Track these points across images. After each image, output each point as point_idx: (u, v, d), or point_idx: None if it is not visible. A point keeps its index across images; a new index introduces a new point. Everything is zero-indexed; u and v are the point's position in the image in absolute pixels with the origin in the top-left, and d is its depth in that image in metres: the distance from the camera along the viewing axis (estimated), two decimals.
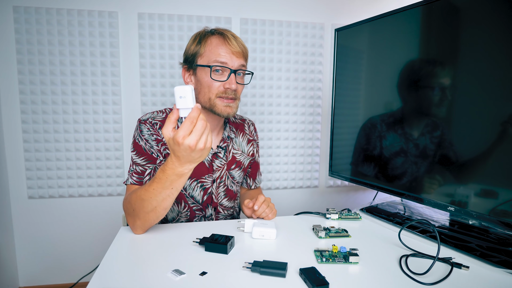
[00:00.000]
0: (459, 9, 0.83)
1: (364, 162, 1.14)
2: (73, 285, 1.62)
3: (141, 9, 1.56)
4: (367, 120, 1.13)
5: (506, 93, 0.74)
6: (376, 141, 1.09)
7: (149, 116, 0.95)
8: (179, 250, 0.73)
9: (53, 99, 1.52)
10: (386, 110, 1.06)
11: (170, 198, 0.75)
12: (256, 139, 1.14)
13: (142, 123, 0.93)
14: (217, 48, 0.88)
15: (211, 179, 0.99)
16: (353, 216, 0.96)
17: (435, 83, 0.89)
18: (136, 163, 0.91)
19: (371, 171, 1.11)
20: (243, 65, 0.92)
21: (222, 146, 1.01)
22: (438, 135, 0.89)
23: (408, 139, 0.98)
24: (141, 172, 0.90)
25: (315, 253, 0.71)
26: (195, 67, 0.92)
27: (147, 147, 0.91)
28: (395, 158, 1.02)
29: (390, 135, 1.04)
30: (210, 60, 0.88)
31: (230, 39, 0.89)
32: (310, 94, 1.78)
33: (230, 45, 0.88)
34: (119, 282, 0.59)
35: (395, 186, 1.02)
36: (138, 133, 0.92)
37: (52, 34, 1.48)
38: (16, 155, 1.54)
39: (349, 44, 1.19)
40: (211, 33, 0.92)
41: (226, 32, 0.91)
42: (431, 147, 0.91)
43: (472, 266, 0.67)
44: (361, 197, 1.97)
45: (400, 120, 1.00)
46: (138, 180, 0.89)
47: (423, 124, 0.93)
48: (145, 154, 0.91)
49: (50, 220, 1.61)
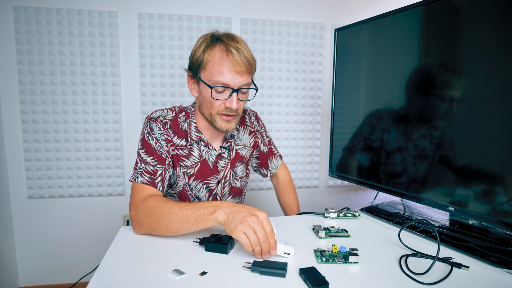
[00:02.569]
0: (459, 9, 0.83)
1: (361, 151, 1.14)
2: (73, 285, 1.62)
3: (141, 9, 1.56)
4: (374, 111, 1.11)
5: (507, 93, 0.73)
6: (377, 134, 1.08)
7: (159, 114, 0.93)
8: (179, 250, 0.72)
9: (53, 99, 1.52)
10: (386, 109, 1.06)
11: (187, 230, 0.75)
12: (260, 129, 1.12)
13: (152, 121, 0.91)
14: (219, 64, 0.83)
15: (216, 180, 0.99)
16: (351, 214, 0.96)
17: (436, 82, 0.89)
18: (145, 161, 0.88)
19: (365, 163, 1.11)
20: (247, 83, 0.87)
21: (225, 146, 1.00)
22: (438, 135, 0.89)
23: (408, 139, 0.98)
24: (153, 172, 0.87)
25: (315, 253, 0.71)
26: (198, 80, 0.89)
27: (157, 146, 0.89)
28: (394, 155, 1.02)
29: (391, 131, 1.04)
30: (212, 79, 0.84)
31: (234, 54, 0.82)
32: (310, 94, 1.78)
33: (233, 61, 0.82)
34: (119, 282, 0.59)
35: (395, 186, 1.02)
36: (148, 131, 0.90)
37: (52, 34, 1.48)
38: (16, 155, 1.54)
39: (349, 44, 1.19)
40: (216, 40, 0.86)
41: (231, 44, 0.83)
42: (430, 147, 0.91)
43: (472, 266, 0.67)
44: (361, 197, 1.97)
45: (401, 119, 1.00)
46: (151, 180, 0.86)
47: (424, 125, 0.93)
48: (154, 154, 0.89)
49: (50, 220, 1.61)
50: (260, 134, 1.12)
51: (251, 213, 0.67)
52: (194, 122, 0.96)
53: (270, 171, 1.18)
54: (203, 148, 0.96)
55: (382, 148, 1.06)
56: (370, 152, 1.11)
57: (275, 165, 1.17)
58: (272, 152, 1.17)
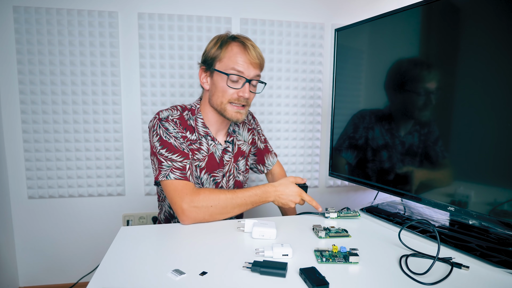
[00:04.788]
0: (459, 9, 0.83)
1: (361, 150, 1.14)
2: (73, 285, 1.62)
3: (141, 9, 1.56)
4: (360, 110, 1.13)
5: (508, 93, 0.73)
6: (377, 133, 1.09)
7: (167, 114, 0.96)
8: (179, 250, 0.72)
9: (53, 99, 1.52)
10: (385, 109, 1.06)
11: (241, 211, 0.92)
12: (256, 127, 1.20)
13: (164, 121, 0.93)
14: (236, 56, 0.92)
15: (221, 173, 1.03)
16: (351, 214, 0.96)
17: (436, 83, 0.89)
18: (171, 159, 0.90)
19: (365, 163, 1.11)
20: (258, 75, 0.96)
21: (229, 140, 1.06)
22: (437, 135, 0.89)
23: (396, 136, 0.98)
24: (182, 167, 0.90)
25: (315, 253, 0.71)
26: (213, 71, 0.95)
27: (177, 143, 0.92)
28: (395, 155, 1.02)
29: (375, 130, 1.04)
30: (228, 67, 0.92)
31: (250, 49, 0.92)
32: (310, 94, 1.78)
33: (249, 55, 0.92)
34: (119, 282, 0.59)
35: (394, 185, 1.02)
36: (163, 131, 0.92)
37: (52, 34, 1.48)
38: (16, 155, 1.54)
39: (349, 44, 1.19)
40: (232, 39, 0.95)
41: (247, 41, 0.94)
42: (430, 147, 0.91)
43: (472, 266, 0.67)
44: (361, 197, 1.97)
45: (387, 118, 1.00)
46: (182, 175, 0.90)
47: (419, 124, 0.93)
48: (178, 151, 0.92)
49: (50, 220, 1.61)
50: (256, 131, 1.18)
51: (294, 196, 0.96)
52: (200, 118, 1.00)
53: (267, 167, 1.22)
54: (210, 142, 1.01)
55: (383, 148, 1.06)
56: (369, 152, 1.11)
57: (271, 161, 1.23)
58: (268, 149, 1.23)
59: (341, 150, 1.24)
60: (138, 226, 0.87)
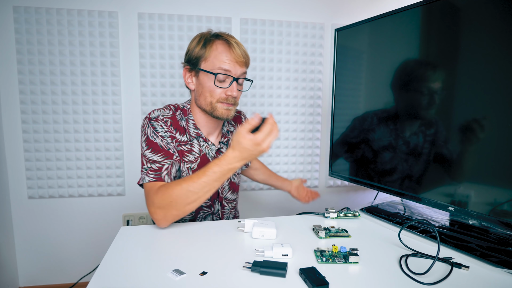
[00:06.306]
0: (459, 9, 0.83)
1: (360, 150, 1.14)
2: (73, 285, 1.62)
3: (141, 9, 1.56)
4: (365, 113, 1.13)
5: (508, 93, 0.73)
6: (377, 134, 1.09)
7: (158, 113, 0.95)
8: (179, 250, 0.72)
9: (53, 99, 1.52)
10: (388, 109, 1.06)
11: (213, 191, 0.82)
12: None
13: (153, 121, 0.93)
14: (222, 54, 0.90)
15: None
16: (351, 214, 0.96)
17: (436, 83, 0.89)
18: (151, 160, 0.90)
19: (365, 162, 1.11)
20: (245, 72, 0.95)
21: (224, 141, 1.04)
22: (438, 136, 0.89)
23: (400, 137, 0.98)
24: (158, 168, 0.89)
25: (315, 253, 0.71)
26: (198, 70, 0.93)
27: (163, 143, 0.91)
28: (395, 155, 1.02)
29: (377, 131, 1.04)
30: (215, 67, 0.90)
31: (235, 47, 0.91)
32: (310, 94, 1.78)
33: (235, 53, 0.91)
34: (119, 282, 0.59)
35: (394, 185, 1.02)
36: (151, 131, 0.92)
37: (52, 34, 1.48)
38: (16, 155, 1.54)
39: (349, 44, 1.19)
40: (215, 37, 0.93)
41: (231, 39, 0.92)
42: (429, 147, 0.91)
43: (472, 266, 0.67)
44: (361, 197, 1.97)
45: (397, 118, 1.00)
46: (156, 176, 0.88)
47: (418, 124, 0.93)
48: (162, 151, 0.91)
49: (50, 220, 1.61)
50: None
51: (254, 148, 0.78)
52: (191, 119, 0.99)
53: (247, 164, 1.26)
54: (202, 143, 0.99)
55: (383, 148, 1.06)
56: (370, 152, 1.11)
57: None
58: None
59: (341, 150, 1.24)
60: (138, 226, 0.87)
